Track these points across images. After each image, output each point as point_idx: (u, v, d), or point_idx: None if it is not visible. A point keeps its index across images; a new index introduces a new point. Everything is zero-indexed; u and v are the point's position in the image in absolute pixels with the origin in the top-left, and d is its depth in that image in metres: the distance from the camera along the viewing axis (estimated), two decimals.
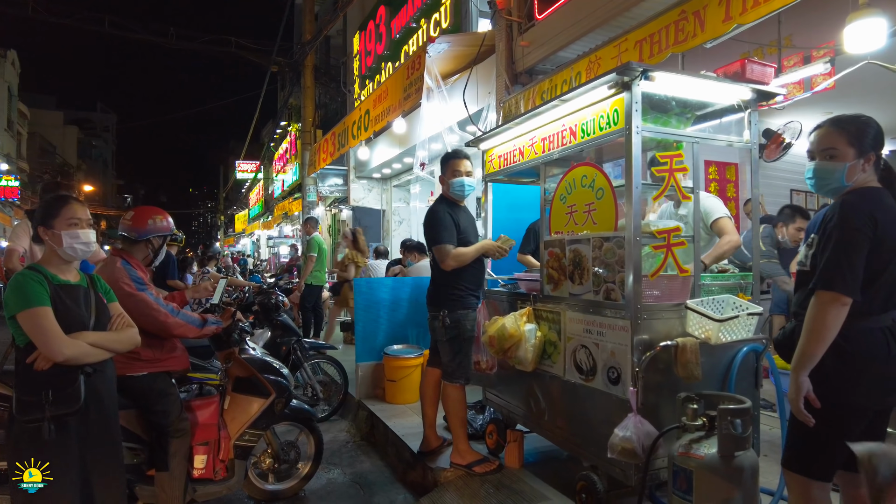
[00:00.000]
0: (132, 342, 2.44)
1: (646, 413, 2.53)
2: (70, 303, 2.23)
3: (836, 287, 1.84)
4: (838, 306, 1.84)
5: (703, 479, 2.16)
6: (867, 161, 1.98)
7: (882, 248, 1.86)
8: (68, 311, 2.20)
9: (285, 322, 5.01)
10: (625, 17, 4.86)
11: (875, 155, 1.98)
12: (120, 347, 2.38)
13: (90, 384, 2.21)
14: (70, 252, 2.26)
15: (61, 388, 2.12)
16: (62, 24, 12.44)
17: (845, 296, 1.83)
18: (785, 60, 4.16)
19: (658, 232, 2.69)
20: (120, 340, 2.37)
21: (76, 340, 2.17)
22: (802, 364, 1.90)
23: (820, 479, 1.98)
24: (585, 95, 2.91)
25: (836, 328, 1.86)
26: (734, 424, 2.13)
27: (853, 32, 3.33)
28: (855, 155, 1.97)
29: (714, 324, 2.59)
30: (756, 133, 3.08)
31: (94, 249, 2.39)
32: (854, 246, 1.84)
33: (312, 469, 3.66)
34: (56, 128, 37.57)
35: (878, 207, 1.88)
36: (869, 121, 2.02)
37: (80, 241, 2.27)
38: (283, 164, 20.78)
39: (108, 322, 2.38)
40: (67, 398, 2.13)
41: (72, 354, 2.13)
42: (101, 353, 2.27)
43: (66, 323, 2.16)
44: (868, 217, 1.85)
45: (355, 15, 12.91)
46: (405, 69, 6.75)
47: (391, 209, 12.97)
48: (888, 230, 1.86)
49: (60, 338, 2.11)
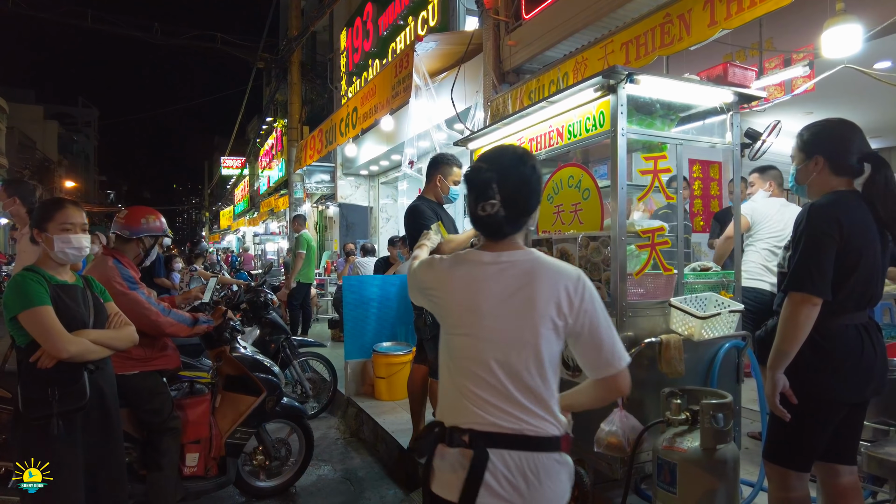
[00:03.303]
0: (131, 340, 2.46)
1: (631, 408, 2.59)
2: (70, 301, 2.26)
3: (806, 288, 1.92)
4: (809, 306, 1.92)
5: (687, 471, 2.24)
6: (815, 163, 2.07)
7: (849, 250, 1.94)
8: (68, 310, 2.23)
9: (274, 320, 5.02)
10: (610, 18, 4.93)
11: (824, 158, 2.05)
12: (120, 345, 2.41)
13: (93, 381, 2.25)
14: (61, 256, 2.28)
15: (67, 384, 2.17)
16: (43, 17, 12.26)
17: (815, 296, 1.91)
18: (766, 63, 4.25)
19: (643, 231, 2.76)
20: (120, 338, 2.41)
21: (79, 338, 2.20)
22: (777, 362, 1.98)
23: (799, 469, 2.06)
24: (572, 97, 2.97)
25: (807, 327, 1.94)
26: (716, 418, 2.21)
27: (831, 38, 3.42)
28: (803, 159, 2.11)
29: (697, 321, 2.66)
30: (738, 134, 3.16)
31: (87, 254, 2.40)
32: (821, 248, 1.93)
33: (303, 466, 3.69)
34: (36, 122, 36.89)
35: (844, 211, 1.96)
36: (823, 125, 2.10)
37: (71, 245, 2.28)
38: (268, 160, 20.63)
39: (106, 321, 2.41)
40: (74, 394, 2.18)
41: (76, 351, 2.16)
42: (102, 351, 2.31)
43: (66, 321, 2.18)
44: (834, 220, 1.93)
45: (342, 11, 12.86)
46: (393, 67, 6.77)
47: (378, 206, 12.98)
48: (854, 232, 1.94)
49: (63, 335, 2.14)
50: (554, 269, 1.45)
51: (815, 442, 2.04)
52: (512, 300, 1.43)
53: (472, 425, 1.39)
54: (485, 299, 1.44)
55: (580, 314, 1.43)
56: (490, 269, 1.46)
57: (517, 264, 1.46)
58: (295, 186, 12.66)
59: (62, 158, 40.00)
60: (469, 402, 1.41)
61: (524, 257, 1.48)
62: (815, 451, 2.06)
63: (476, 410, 1.40)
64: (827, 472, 2.14)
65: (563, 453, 1.44)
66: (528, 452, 1.38)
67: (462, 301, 1.47)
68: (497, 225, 1.47)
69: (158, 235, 3.14)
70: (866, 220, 1.98)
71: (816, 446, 2.04)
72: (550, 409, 1.43)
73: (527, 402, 1.40)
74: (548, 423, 1.41)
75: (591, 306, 1.44)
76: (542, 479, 1.38)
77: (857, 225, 1.95)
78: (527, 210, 1.49)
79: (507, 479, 1.36)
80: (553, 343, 1.42)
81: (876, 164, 2.02)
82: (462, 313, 1.47)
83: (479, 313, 1.44)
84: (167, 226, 3.26)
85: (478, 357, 1.42)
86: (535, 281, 1.43)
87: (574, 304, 1.42)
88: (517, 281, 1.44)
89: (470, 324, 1.45)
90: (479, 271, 1.47)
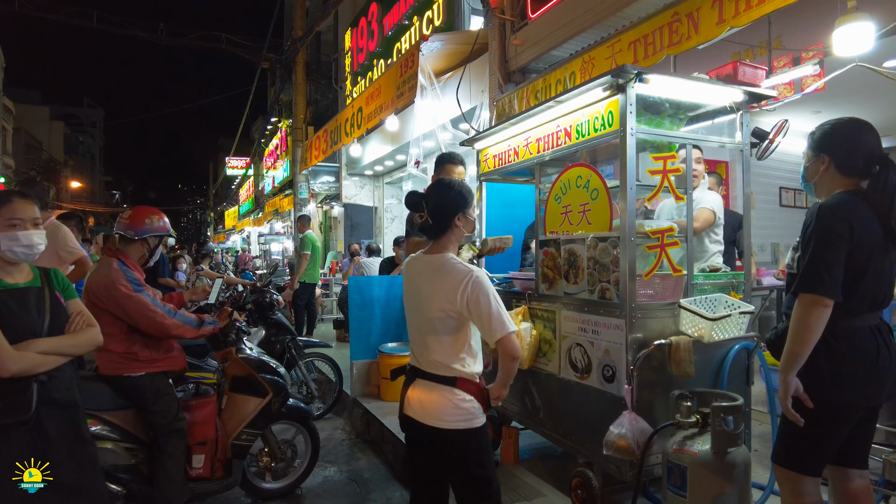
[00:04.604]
0: (92, 343, 2.25)
1: (640, 410, 2.58)
2: (17, 309, 2.04)
3: (817, 290, 1.89)
4: (820, 308, 1.89)
5: (697, 474, 2.21)
6: (821, 162, 2.05)
7: (860, 250, 1.91)
8: (15, 319, 2.01)
9: (280, 320, 5.02)
10: (617, 17, 4.90)
11: (830, 157, 2.03)
12: (77, 351, 2.21)
13: (44, 392, 2.03)
14: (10, 255, 2.07)
15: (10, 396, 1.96)
16: (49, 18, 12.31)
17: (826, 297, 1.88)
18: (775, 61, 4.21)
19: (652, 232, 2.73)
20: (77, 344, 2.18)
21: (24, 353, 1.98)
22: (790, 364, 1.94)
23: (811, 473, 2.03)
24: (580, 97, 2.94)
25: (819, 329, 1.90)
26: (727, 421, 2.19)
27: (842, 35, 3.38)
28: (811, 157, 2.09)
29: (707, 322, 2.63)
30: (748, 134, 3.13)
31: (40, 251, 2.16)
32: (832, 249, 1.90)
33: (309, 467, 3.68)
34: (42, 123, 37.09)
35: (854, 211, 1.93)
36: (833, 124, 2.07)
37: (19, 243, 2.07)
38: (273, 160, 20.67)
39: (66, 322, 2.18)
40: (16, 407, 1.96)
41: (18, 369, 1.94)
42: (55, 360, 2.07)
43: (13, 332, 1.98)
44: (844, 220, 1.91)
45: (346, 11, 12.87)
46: (398, 67, 6.76)
47: (383, 206, 12.97)
48: (864, 233, 1.91)
49: (5, 352, 1.93)
50: (453, 272, 2.06)
51: (828, 446, 2.00)
52: (427, 287, 2.12)
53: (413, 363, 2.23)
54: (416, 286, 2.19)
55: (467, 300, 2.01)
56: (422, 266, 2.19)
57: (434, 264, 2.13)
58: (300, 187, 12.67)
59: (68, 159, 40.22)
60: (413, 352, 2.24)
61: (440, 260, 2.12)
62: (827, 456, 2.03)
63: (416, 356, 2.22)
64: (838, 476, 2.11)
65: (456, 389, 2.09)
66: (430, 382, 2.13)
67: (407, 287, 2.26)
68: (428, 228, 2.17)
69: (163, 235, 3.13)
70: (875, 220, 1.95)
71: (829, 451, 2.01)
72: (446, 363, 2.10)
73: (435, 356, 2.11)
74: (445, 368, 2.10)
75: (475, 295, 2.01)
76: (434, 398, 2.11)
77: (866, 225, 1.93)
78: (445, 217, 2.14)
79: (417, 396, 2.16)
80: (446, 320, 2.06)
81: (883, 165, 1.99)
82: (407, 295, 2.27)
83: (413, 296, 2.22)
84: (171, 226, 3.26)
85: (412, 324, 2.23)
86: (439, 277, 2.08)
87: (459, 293, 2.01)
88: (432, 276, 2.11)
89: (409, 303, 2.25)
90: (417, 267, 2.21)
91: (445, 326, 2.08)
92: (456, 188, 2.16)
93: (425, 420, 2.12)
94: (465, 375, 2.10)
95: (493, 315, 2.00)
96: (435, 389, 2.11)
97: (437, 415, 2.09)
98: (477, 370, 2.15)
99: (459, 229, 2.16)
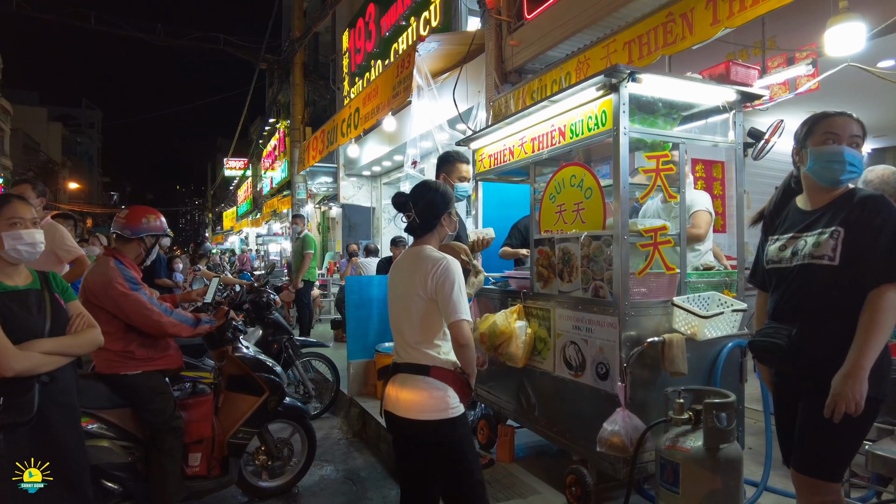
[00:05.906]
0: (94, 343, 2.27)
1: (633, 407, 2.59)
2: (19, 310, 2.06)
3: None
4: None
5: (690, 471, 2.23)
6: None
7: None
8: (17, 320, 2.04)
9: (277, 320, 5.03)
10: (613, 17, 4.92)
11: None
12: (79, 351, 2.23)
13: (46, 393, 2.05)
14: (13, 254, 2.10)
15: (14, 396, 1.98)
16: (47, 19, 12.30)
17: None
18: (769, 61, 4.24)
19: (645, 231, 2.75)
20: (79, 344, 2.21)
21: (28, 353, 2.01)
22: (870, 361, 1.78)
23: (840, 480, 1.93)
24: (574, 96, 2.96)
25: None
26: (719, 418, 2.20)
27: (834, 36, 3.41)
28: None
29: (700, 320, 2.65)
30: (741, 133, 3.14)
31: (41, 250, 2.21)
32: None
33: (305, 466, 3.69)
34: (40, 124, 37.10)
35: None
36: None
37: (23, 241, 2.10)
38: (271, 161, 20.67)
39: (67, 324, 2.21)
40: (18, 408, 1.98)
41: (22, 368, 1.97)
42: (58, 360, 2.10)
43: (16, 333, 2.00)
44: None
45: (344, 12, 12.89)
46: (395, 67, 6.77)
47: (381, 207, 12.98)
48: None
49: (9, 351, 1.95)
50: (428, 258, 2.17)
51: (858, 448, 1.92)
52: (406, 275, 2.22)
53: (394, 360, 2.30)
54: (398, 277, 2.29)
55: (435, 283, 2.11)
56: (404, 259, 2.31)
57: (414, 254, 2.24)
58: (298, 187, 12.67)
59: (66, 160, 40.17)
60: (395, 348, 2.32)
61: (419, 250, 2.23)
62: None
63: (396, 349, 2.29)
64: None
65: (430, 378, 2.12)
66: (406, 374, 2.19)
67: (390, 282, 2.34)
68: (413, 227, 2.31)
69: (159, 235, 3.14)
70: None
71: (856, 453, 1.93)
72: (419, 348, 2.16)
73: (409, 337, 2.19)
74: (419, 354, 2.16)
75: (442, 278, 2.11)
76: (409, 389, 2.15)
77: None
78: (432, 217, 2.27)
79: (395, 389, 2.20)
80: (419, 301, 2.15)
81: None
82: (390, 288, 2.34)
83: (394, 289, 2.30)
84: (168, 227, 3.27)
85: (393, 314, 2.30)
86: (416, 264, 2.19)
87: (430, 276, 2.12)
88: (411, 265, 2.21)
89: (391, 295, 2.33)
90: (400, 262, 2.32)
91: (418, 308, 2.16)
92: (441, 190, 2.30)
93: (402, 413, 2.15)
94: (439, 363, 2.14)
95: (452, 299, 2.09)
96: (409, 380, 2.15)
97: (413, 406, 2.12)
98: (453, 358, 2.18)
99: (444, 228, 2.30)
